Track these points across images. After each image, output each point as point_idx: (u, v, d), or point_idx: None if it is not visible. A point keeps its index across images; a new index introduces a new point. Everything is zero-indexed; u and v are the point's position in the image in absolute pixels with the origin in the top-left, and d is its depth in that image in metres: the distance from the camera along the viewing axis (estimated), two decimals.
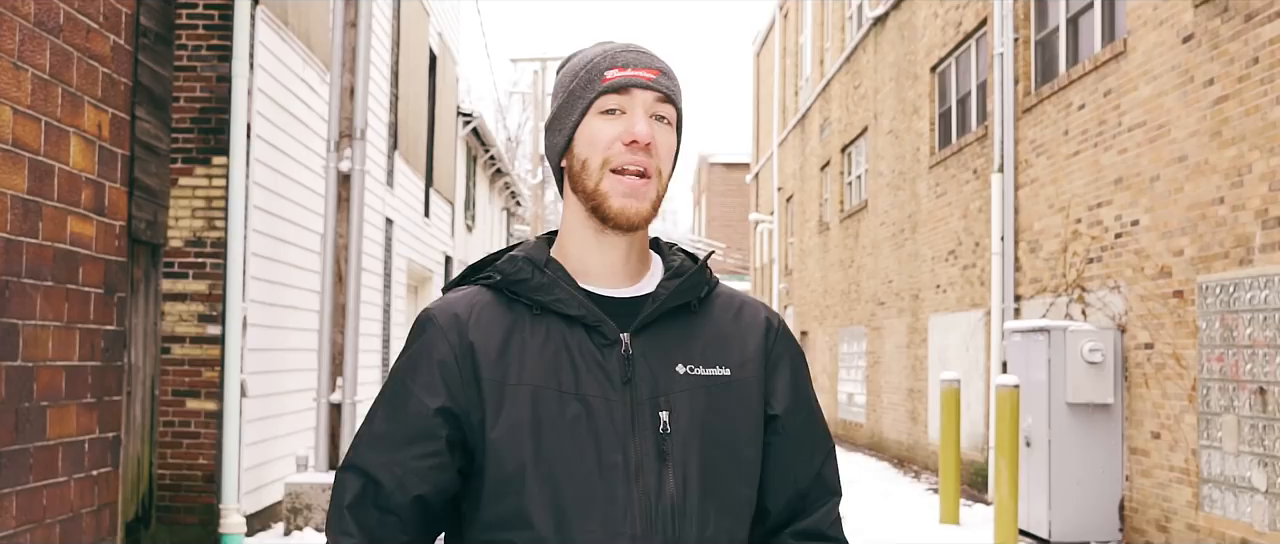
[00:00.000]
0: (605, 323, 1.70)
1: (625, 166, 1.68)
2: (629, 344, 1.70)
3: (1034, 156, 11.07)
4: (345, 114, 9.61)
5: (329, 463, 9.40)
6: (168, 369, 8.51)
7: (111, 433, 5.62)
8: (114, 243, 5.49)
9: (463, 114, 21.51)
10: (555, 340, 1.70)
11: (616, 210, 1.69)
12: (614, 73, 1.71)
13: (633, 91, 1.70)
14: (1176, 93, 8.29)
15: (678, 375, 1.70)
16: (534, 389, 1.67)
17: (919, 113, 15.21)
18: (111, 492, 5.72)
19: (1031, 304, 11.04)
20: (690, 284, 1.76)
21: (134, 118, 5.87)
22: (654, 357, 1.71)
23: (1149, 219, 8.71)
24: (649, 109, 1.71)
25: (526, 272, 1.73)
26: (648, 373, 1.69)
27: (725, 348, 1.76)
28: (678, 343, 1.73)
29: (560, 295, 1.71)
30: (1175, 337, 8.29)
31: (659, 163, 1.71)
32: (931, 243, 14.51)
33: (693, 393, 1.70)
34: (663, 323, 1.74)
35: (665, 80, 1.73)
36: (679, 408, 1.69)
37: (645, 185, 1.69)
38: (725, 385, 1.73)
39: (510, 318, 1.72)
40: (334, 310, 9.49)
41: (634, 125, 1.68)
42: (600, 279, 1.76)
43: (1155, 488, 8.58)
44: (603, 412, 1.66)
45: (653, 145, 1.69)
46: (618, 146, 1.69)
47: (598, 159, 1.70)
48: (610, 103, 1.71)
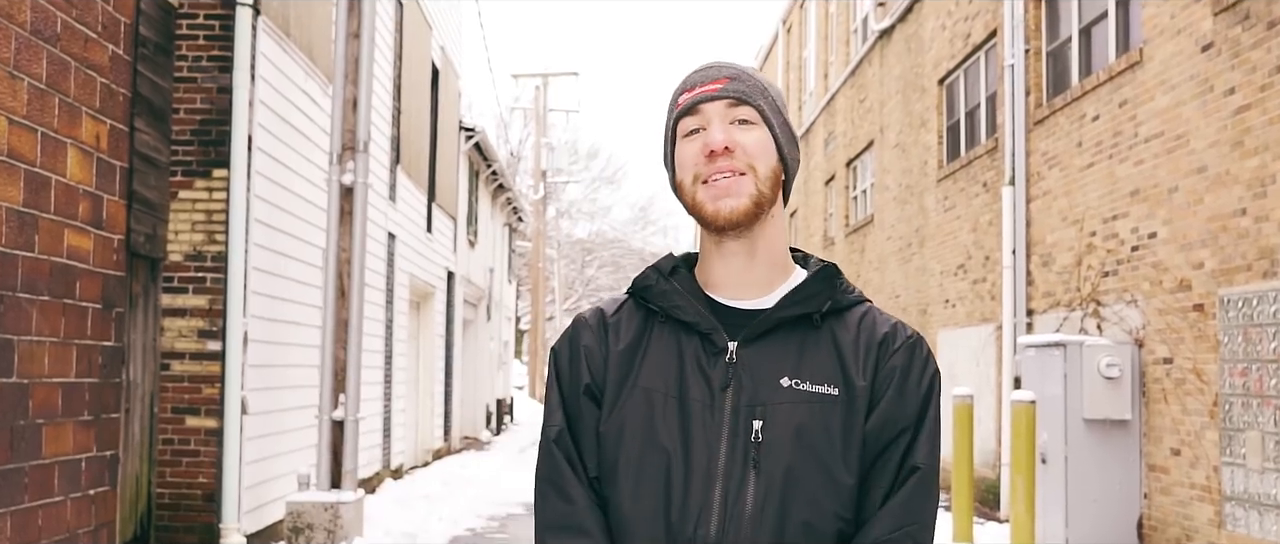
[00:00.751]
0: (717, 331, 1.76)
1: (712, 177, 1.74)
2: (733, 353, 1.75)
3: (1046, 169, 10.92)
4: (348, 126, 9.47)
5: (331, 481, 9.23)
6: (167, 386, 8.35)
7: (109, 451, 5.49)
8: (112, 257, 5.37)
9: (465, 128, 21.37)
10: (674, 346, 1.78)
11: (712, 213, 1.74)
12: (684, 97, 1.79)
13: (702, 108, 1.77)
14: (1196, 102, 8.14)
15: (781, 388, 1.73)
16: (646, 391, 1.76)
17: (927, 126, 15.07)
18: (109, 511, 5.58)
19: (1044, 319, 10.88)
20: (804, 297, 1.78)
21: (133, 129, 5.75)
22: (761, 367, 1.74)
23: (1167, 231, 8.55)
24: (725, 117, 1.77)
25: (651, 279, 1.83)
26: (750, 382, 1.73)
27: (841, 366, 1.77)
28: (789, 356, 1.75)
29: (678, 302, 1.79)
30: (1196, 351, 8.13)
31: (749, 160, 1.75)
32: (940, 257, 14.35)
33: (794, 407, 1.72)
34: (779, 335, 1.77)
35: (736, 84, 1.78)
36: (776, 419, 1.71)
37: (736, 182, 1.74)
38: (829, 403, 1.73)
39: (643, 323, 1.82)
40: (336, 326, 9.33)
41: (708, 138, 1.75)
42: (726, 289, 1.82)
43: (1175, 506, 8.40)
44: (699, 415, 1.72)
45: (734, 148, 1.74)
46: (701, 162, 1.76)
47: (689, 177, 1.78)
48: (689, 125, 1.79)
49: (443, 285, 19.43)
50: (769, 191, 1.77)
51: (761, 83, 1.82)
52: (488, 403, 26.48)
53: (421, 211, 17.13)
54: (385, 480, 14.43)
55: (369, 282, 13.01)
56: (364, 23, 9.60)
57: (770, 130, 1.80)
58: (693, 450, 1.71)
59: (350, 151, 9.46)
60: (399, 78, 15.05)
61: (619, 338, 1.82)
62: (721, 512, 1.68)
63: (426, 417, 18.52)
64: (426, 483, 14.65)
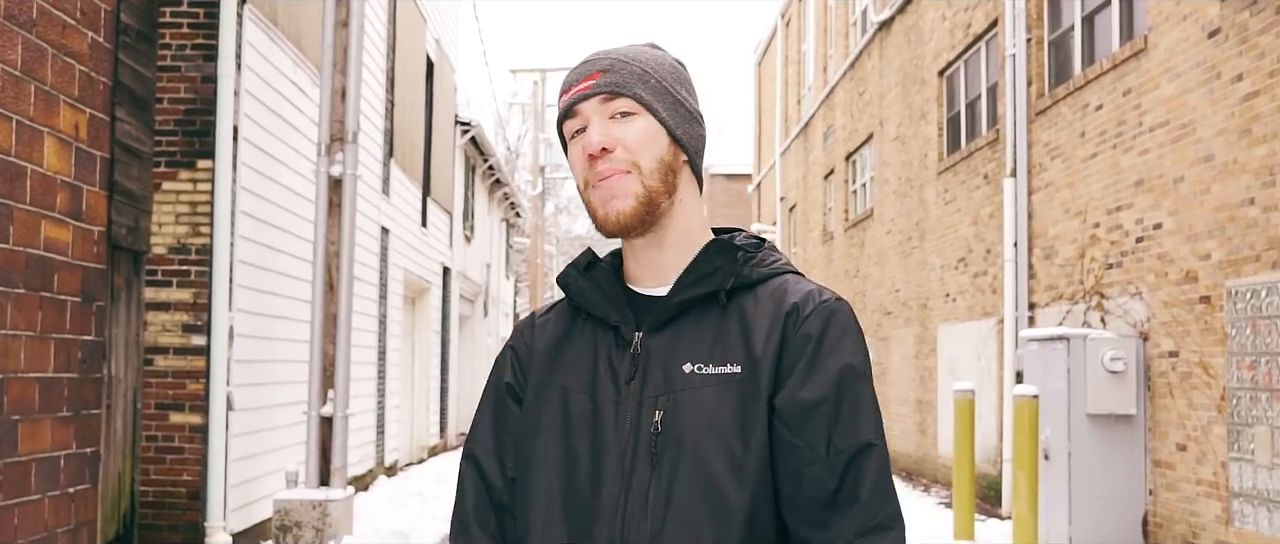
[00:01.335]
0: (625, 323, 1.71)
1: (595, 180, 1.68)
2: (639, 343, 1.68)
3: (1048, 160, 10.73)
4: (336, 116, 9.28)
5: (320, 478, 9.05)
6: (150, 381, 8.17)
7: (90, 448, 5.36)
8: (92, 249, 5.24)
9: (461, 123, 21.18)
10: (591, 342, 1.73)
11: (601, 219, 1.69)
12: (562, 99, 1.72)
13: (579, 109, 1.70)
14: (1202, 90, 7.96)
15: (684, 374, 1.64)
16: (563, 388, 1.71)
17: (927, 118, 14.88)
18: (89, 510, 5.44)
19: (1047, 312, 10.70)
20: (700, 276, 1.68)
21: (114, 119, 5.62)
22: (666, 355, 1.66)
23: (1173, 222, 8.36)
24: (602, 114, 1.69)
25: (570, 275, 1.78)
26: (656, 372, 1.66)
27: (747, 343, 1.66)
28: (692, 341, 1.67)
29: (591, 297, 1.74)
30: (1202, 344, 7.94)
31: (632, 156, 1.67)
32: (940, 251, 14.17)
33: (698, 392, 1.63)
34: (688, 320, 1.69)
35: (609, 77, 1.69)
36: (679, 408, 1.63)
37: (619, 182, 1.66)
38: (733, 383, 1.63)
39: (569, 321, 1.78)
40: (325, 320, 9.14)
41: (585, 141, 1.68)
42: (643, 281, 1.75)
43: (1182, 502, 8.22)
44: (608, 411, 1.66)
45: (613, 147, 1.66)
46: (585, 165, 1.69)
47: (580, 181, 1.71)
48: (572, 127, 1.71)
49: (438, 281, 19.24)
50: (660, 184, 1.67)
51: (640, 67, 1.71)
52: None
53: (416, 206, 16.95)
54: (378, 477, 14.26)
55: (361, 276, 12.83)
56: (352, 11, 9.41)
57: (655, 116, 1.69)
58: (599, 447, 1.66)
59: (339, 142, 9.27)
60: (392, 70, 14.86)
61: (543, 338, 1.80)
62: (622, 508, 1.62)
63: (422, 413, 18.34)
64: (420, 480, 14.47)
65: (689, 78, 1.80)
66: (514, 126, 47.15)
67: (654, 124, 1.69)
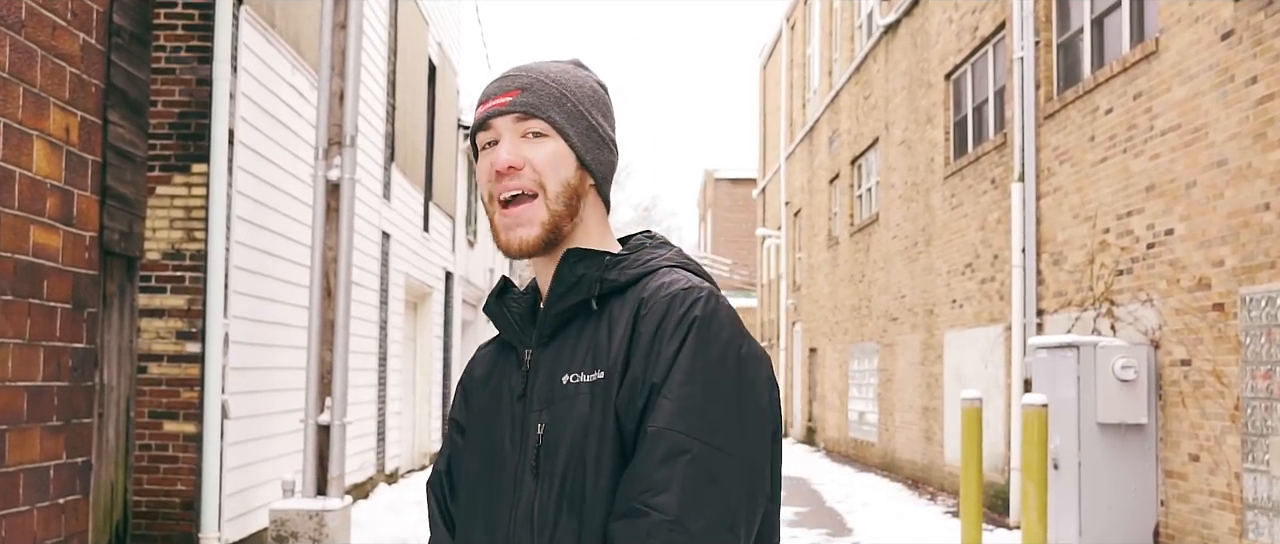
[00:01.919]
0: (521, 343, 1.73)
1: (501, 195, 1.68)
2: (527, 359, 1.71)
3: (1057, 164, 10.58)
4: (334, 120, 9.13)
5: (317, 488, 8.90)
6: (144, 389, 8.04)
7: (80, 458, 5.26)
8: (84, 255, 5.15)
9: (464, 126, 21.05)
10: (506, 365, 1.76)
11: (504, 243, 1.70)
12: (478, 111, 1.72)
13: (493, 123, 1.70)
14: (1215, 93, 7.81)
15: (562, 386, 1.65)
16: (481, 413, 1.77)
17: (933, 122, 14.73)
18: (80, 520, 5.34)
19: (1055, 319, 10.54)
20: (565, 286, 1.68)
21: (106, 121, 5.53)
22: (550, 367, 1.67)
23: (1185, 228, 8.21)
24: (515, 132, 1.69)
25: (490, 303, 1.79)
26: (542, 386, 1.67)
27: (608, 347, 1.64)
28: (573, 351, 1.67)
29: (502, 322, 1.77)
30: (1215, 352, 7.79)
31: (538, 177, 1.67)
32: (947, 256, 14.01)
33: (572, 402, 1.63)
34: (569, 330, 1.69)
35: (526, 96, 1.69)
36: (557, 419, 1.63)
37: (526, 209, 1.67)
38: (601, 388, 1.62)
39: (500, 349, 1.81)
40: (322, 327, 8.99)
41: (494, 156, 1.69)
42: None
43: (1194, 514, 8.06)
44: (505, 428, 1.70)
45: (521, 166, 1.67)
46: (492, 179, 1.69)
47: (485, 195, 1.72)
48: (484, 139, 1.72)
49: (440, 286, 19.11)
50: (564, 208, 1.68)
51: (558, 89, 1.72)
52: None
53: (418, 210, 16.81)
54: (379, 485, 14.12)
55: (361, 282, 12.69)
56: (351, 13, 9.27)
57: (566, 140, 1.70)
58: (498, 464, 1.70)
59: (337, 146, 9.12)
60: (393, 73, 14.73)
61: (482, 368, 1.83)
62: (509, 523, 1.65)
63: (423, 419, 18.20)
64: (421, 488, 14.33)
65: (608, 101, 1.80)
66: None
67: (564, 148, 1.70)
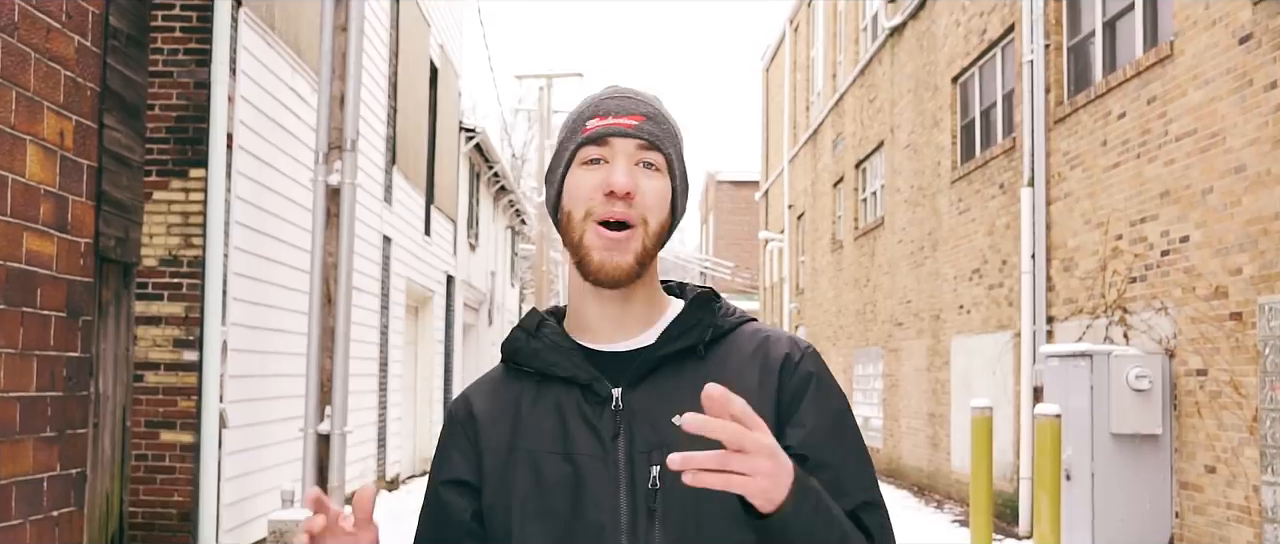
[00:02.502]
0: (597, 380, 1.64)
1: (606, 218, 1.62)
2: (619, 399, 1.63)
3: (1068, 169, 10.43)
4: (335, 124, 8.98)
5: None
6: (140, 398, 7.89)
7: (75, 469, 5.17)
8: (78, 262, 5.06)
9: (465, 129, 20.90)
10: (554, 404, 1.66)
11: (596, 265, 1.63)
12: (594, 122, 1.65)
13: (612, 141, 1.64)
14: (1233, 98, 7.65)
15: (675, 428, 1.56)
16: (531, 454, 1.64)
17: (940, 125, 14.58)
18: (74, 533, 5.25)
19: (1066, 326, 10.39)
20: (684, 328, 1.67)
21: (102, 126, 5.42)
22: (652, 409, 1.62)
23: (1201, 235, 8.06)
24: (632, 157, 1.64)
25: (520, 340, 1.72)
26: (643, 427, 1.61)
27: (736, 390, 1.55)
28: (678, 393, 1.61)
29: (552, 359, 1.68)
30: (1233, 362, 7.63)
31: (644, 211, 1.63)
32: (954, 261, 13.86)
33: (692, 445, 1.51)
34: (665, 373, 1.65)
35: (651, 126, 1.66)
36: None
37: (627, 238, 1.62)
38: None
39: (517, 389, 1.71)
40: (322, 334, 8.84)
41: (612, 175, 1.62)
42: (601, 334, 1.70)
43: (1210, 526, 7.91)
44: (592, 471, 1.61)
45: (634, 195, 1.62)
46: (598, 197, 1.62)
47: (580, 211, 1.64)
48: (591, 153, 1.65)
49: (442, 289, 18.97)
50: (654, 247, 1.66)
51: (674, 128, 1.70)
52: None
53: (419, 214, 16.67)
54: (379, 492, 13.97)
55: (362, 287, 12.55)
56: (352, 16, 9.11)
57: (672, 181, 1.67)
58: (587, 509, 1.60)
59: (337, 151, 8.97)
60: (395, 76, 14.59)
61: (490, 409, 1.71)
62: None
63: (425, 424, 18.05)
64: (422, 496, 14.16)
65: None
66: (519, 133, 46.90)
67: (668, 189, 1.67)
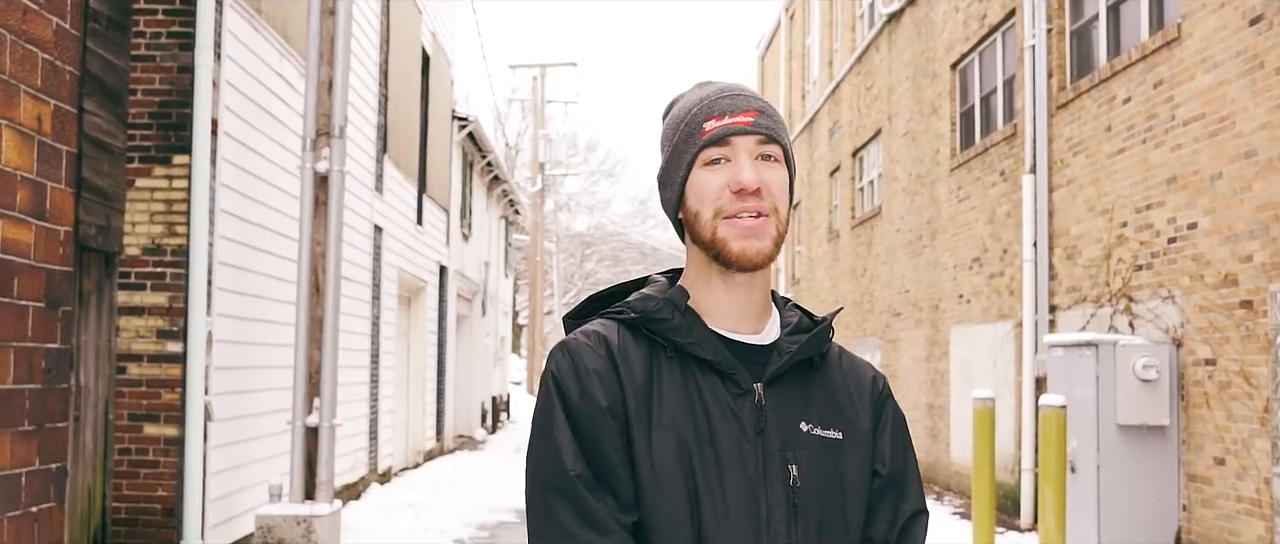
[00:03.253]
0: (739, 371, 1.69)
1: (737, 213, 1.67)
2: (762, 395, 1.70)
3: (1071, 156, 10.24)
4: (322, 110, 8.78)
5: (304, 492, 8.56)
6: (123, 391, 7.69)
7: (55, 464, 5.04)
8: (58, 250, 4.89)
9: (458, 118, 20.67)
10: (691, 383, 1.69)
11: (737, 253, 1.67)
12: (712, 124, 1.70)
13: (733, 140, 1.69)
14: (1242, 81, 7.47)
15: (802, 432, 1.70)
16: (675, 430, 1.66)
17: (938, 113, 14.39)
18: (55, 530, 5.12)
19: (1069, 315, 10.21)
20: (817, 340, 1.75)
21: (82, 110, 5.25)
22: (783, 410, 1.70)
23: (1209, 221, 7.88)
24: (753, 152, 1.69)
25: (667, 312, 1.72)
26: (778, 425, 1.69)
27: (840, 410, 1.75)
28: (802, 399, 1.73)
29: (697, 338, 1.70)
30: (1242, 352, 7.46)
31: (773, 202, 1.69)
32: (953, 250, 13.68)
33: (815, 452, 1.70)
34: (789, 377, 1.73)
35: (765, 120, 1.71)
36: (805, 464, 1.69)
37: (763, 224, 1.68)
38: (840, 448, 1.72)
39: (649, 354, 1.71)
40: (310, 325, 8.64)
41: (739, 174, 1.67)
42: (726, 322, 1.74)
43: (1219, 520, 7.74)
44: (735, 460, 1.65)
45: (763, 188, 1.68)
46: (727, 196, 1.68)
47: (709, 210, 1.69)
48: (713, 154, 1.70)
49: (434, 280, 18.76)
50: (784, 232, 1.73)
51: (782, 120, 1.76)
52: (483, 400, 25.83)
53: (411, 203, 16.46)
54: (371, 485, 13.78)
55: (352, 276, 12.35)
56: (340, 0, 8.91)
57: (789, 171, 1.75)
58: (730, 499, 1.64)
59: (325, 137, 8.77)
60: (386, 63, 14.37)
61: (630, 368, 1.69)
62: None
63: (417, 416, 17.86)
64: (414, 488, 13.98)
65: None
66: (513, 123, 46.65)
67: (787, 178, 1.73)
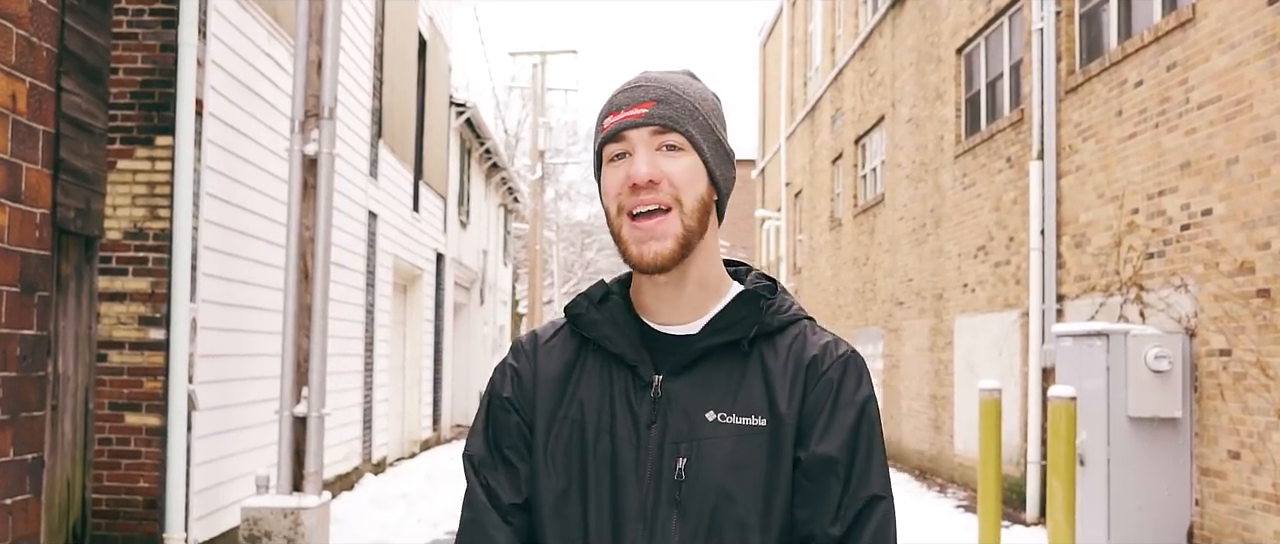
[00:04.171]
0: (643, 364, 1.68)
1: (635, 209, 1.65)
2: (659, 387, 1.67)
3: (1080, 141, 9.99)
4: (311, 90, 8.53)
5: (292, 484, 8.33)
6: (104, 379, 7.46)
7: (31, 454, 4.90)
8: (34, 233, 4.73)
9: (456, 104, 20.41)
10: (605, 377, 1.70)
11: (635, 256, 1.65)
12: (609, 120, 1.68)
13: (627, 135, 1.66)
14: (1261, 62, 7.22)
15: (706, 422, 1.64)
16: (576, 422, 1.68)
17: (943, 98, 14.13)
18: (31, 522, 4.97)
19: (1077, 305, 9.97)
20: (727, 323, 1.69)
21: (60, 89, 5.08)
22: (688, 401, 1.65)
23: (1225, 208, 7.63)
24: (650, 145, 1.66)
25: (582, 307, 1.74)
26: (678, 417, 1.64)
27: (769, 395, 1.67)
28: (715, 388, 1.66)
29: (606, 332, 1.71)
30: (1259, 342, 7.21)
31: (676, 192, 1.65)
32: (957, 238, 13.43)
33: (720, 442, 1.63)
34: (708, 364, 1.68)
35: (662, 109, 1.66)
36: (702, 455, 1.62)
37: (660, 223, 1.64)
38: (756, 435, 1.64)
39: (576, 351, 1.73)
40: (298, 312, 8.40)
41: (632, 167, 1.65)
42: (658, 315, 1.73)
43: (1234, 515, 7.50)
44: (627, 453, 1.64)
45: (659, 180, 1.64)
46: (625, 192, 1.65)
47: (613, 207, 1.67)
48: (614, 150, 1.68)
49: (431, 268, 18.52)
50: (697, 224, 1.66)
51: (691, 103, 1.69)
52: (480, 389, 25.63)
53: (407, 190, 16.21)
54: (365, 475, 13.55)
55: (346, 263, 12.11)
56: None
57: (700, 155, 1.68)
58: (618, 490, 1.64)
59: (314, 118, 8.52)
60: (381, 46, 14.11)
61: (551, 363, 1.74)
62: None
63: (413, 406, 17.63)
64: (408, 478, 13.75)
65: (723, 113, 1.78)
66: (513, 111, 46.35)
67: (698, 163, 1.67)
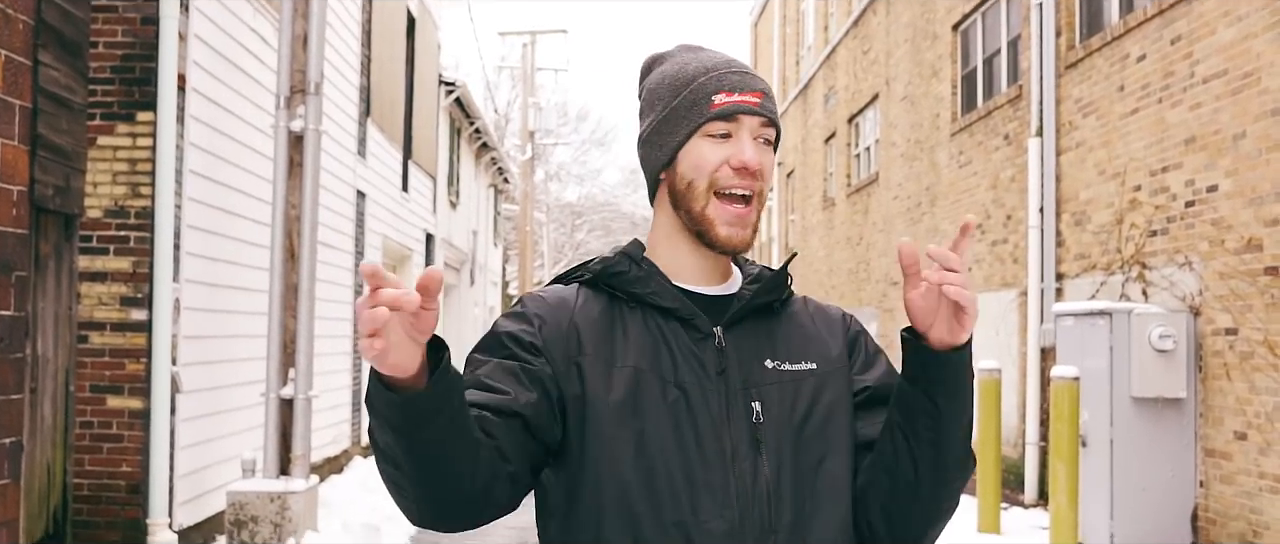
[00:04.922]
0: (699, 316, 1.75)
1: (732, 189, 1.71)
2: (722, 337, 1.74)
3: (1080, 117, 9.82)
4: (297, 66, 8.34)
5: (279, 467, 8.17)
6: (85, 361, 7.26)
7: (9, 438, 4.79)
8: (10, 212, 4.62)
9: (445, 83, 20.18)
10: (652, 330, 1.73)
11: (723, 238, 1.72)
12: (722, 98, 1.73)
13: (740, 118, 1.72)
14: (1269, 34, 7.06)
15: (767, 370, 1.74)
16: (636, 371, 1.69)
17: (939, 75, 13.95)
18: (10, 507, 4.84)
19: (1077, 283, 9.82)
20: (773, 285, 1.80)
21: (37, 63, 4.89)
22: (744, 351, 1.74)
23: (1231, 183, 7.48)
24: (755, 133, 1.73)
25: (624, 266, 1.78)
26: (739, 365, 1.73)
27: (809, 345, 1.79)
28: (764, 340, 1.77)
29: (656, 288, 1.76)
30: (1267, 320, 7.07)
31: (762, 185, 1.73)
32: (953, 217, 13.27)
33: (782, 387, 1.74)
34: (750, 321, 1.77)
35: (769, 103, 1.75)
36: (770, 400, 1.72)
37: (750, 211, 1.73)
38: (811, 377, 1.75)
39: (610, 307, 1.77)
40: (285, 292, 8.23)
41: (742, 152, 1.71)
42: (689, 278, 1.79)
43: (1240, 497, 7.37)
44: (699, 399, 1.69)
45: (758, 171, 1.72)
46: (726, 171, 1.71)
47: (704, 182, 1.72)
48: (719, 128, 1.72)
49: (421, 248, 18.32)
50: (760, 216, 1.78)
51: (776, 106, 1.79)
52: None
53: (396, 169, 16.00)
54: (354, 459, 13.39)
55: (334, 243, 11.92)
56: None
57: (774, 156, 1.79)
58: (698, 436, 1.67)
59: (300, 94, 8.33)
60: (369, 23, 13.88)
61: (589, 321, 1.73)
62: (739, 498, 1.66)
63: None
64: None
65: None
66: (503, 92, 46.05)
67: (774, 162, 1.77)
